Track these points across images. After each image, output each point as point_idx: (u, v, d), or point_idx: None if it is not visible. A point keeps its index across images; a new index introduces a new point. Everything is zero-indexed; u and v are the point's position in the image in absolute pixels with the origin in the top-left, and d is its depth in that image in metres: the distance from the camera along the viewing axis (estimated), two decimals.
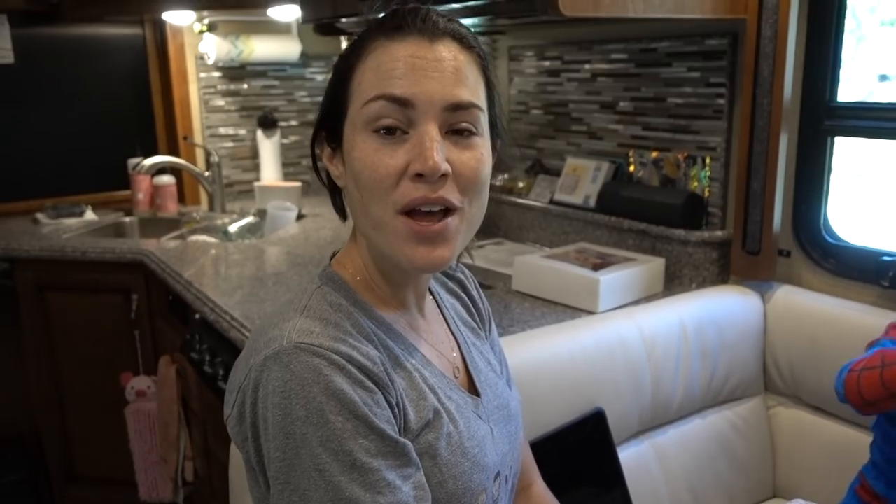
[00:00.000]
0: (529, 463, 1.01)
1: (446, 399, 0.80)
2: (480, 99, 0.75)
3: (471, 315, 0.97)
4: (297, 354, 0.69)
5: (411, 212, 0.72)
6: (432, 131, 0.71)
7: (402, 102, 0.71)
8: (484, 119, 0.76)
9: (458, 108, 0.73)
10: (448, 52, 0.74)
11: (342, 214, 0.87)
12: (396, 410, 0.73)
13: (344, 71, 0.77)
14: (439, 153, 0.71)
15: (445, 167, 0.71)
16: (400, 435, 0.73)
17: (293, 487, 0.67)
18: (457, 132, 0.73)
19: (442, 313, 0.91)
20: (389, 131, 0.72)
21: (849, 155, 1.56)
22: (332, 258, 0.85)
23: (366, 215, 0.75)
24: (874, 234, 1.53)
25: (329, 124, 0.79)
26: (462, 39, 0.76)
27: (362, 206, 0.75)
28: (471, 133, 0.74)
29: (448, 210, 0.73)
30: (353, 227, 0.84)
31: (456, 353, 0.88)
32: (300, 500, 0.67)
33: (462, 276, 0.99)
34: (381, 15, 0.77)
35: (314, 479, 0.66)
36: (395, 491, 0.68)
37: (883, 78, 1.60)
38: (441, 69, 0.72)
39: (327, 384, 0.67)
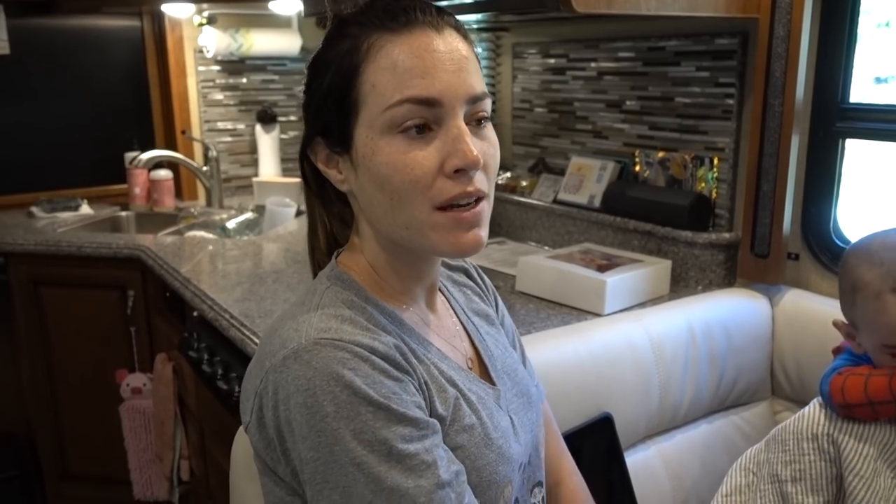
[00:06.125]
0: (558, 457, 0.99)
1: (467, 391, 0.79)
2: (485, 86, 0.76)
3: (482, 299, 0.96)
4: (318, 350, 0.67)
5: (447, 206, 0.72)
6: (462, 125, 0.72)
7: (430, 103, 0.70)
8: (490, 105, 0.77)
9: (477, 99, 0.73)
10: (455, 40, 0.73)
11: (341, 222, 0.85)
12: (422, 394, 0.72)
13: (347, 71, 0.73)
14: (476, 146, 0.71)
15: (481, 159, 0.72)
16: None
17: (332, 485, 0.66)
18: (475, 122, 0.74)
19: (451, 307, 0.90)
20: (421, 130, 0.71)
21: (848, 156, 1.54)
22: (336, 256, 0.83)
23: (394, 217, 0.74)
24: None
25: (330, 129, 0.76)
26: (458, 28, 0.76)
27: (390, 209, 0.73)
28: (486, 120, 0.75)
29: (479, 198, 0.73)
30: (353, 228, 0.82)
31: (468, 345, 0.87)
32: (341, 498, 0.65)
33: (465, 264, 0.99)
34: (363, 5, 0.75)
35: (353, 474, 0.65)
36: (436, 470, 0.67)
37: (878, 80, 1.58)
38: (456, 60, 0.72)
39: (353, 376, 0.66)
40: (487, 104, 0.75)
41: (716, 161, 1.67)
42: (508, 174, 2.20)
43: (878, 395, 1.03)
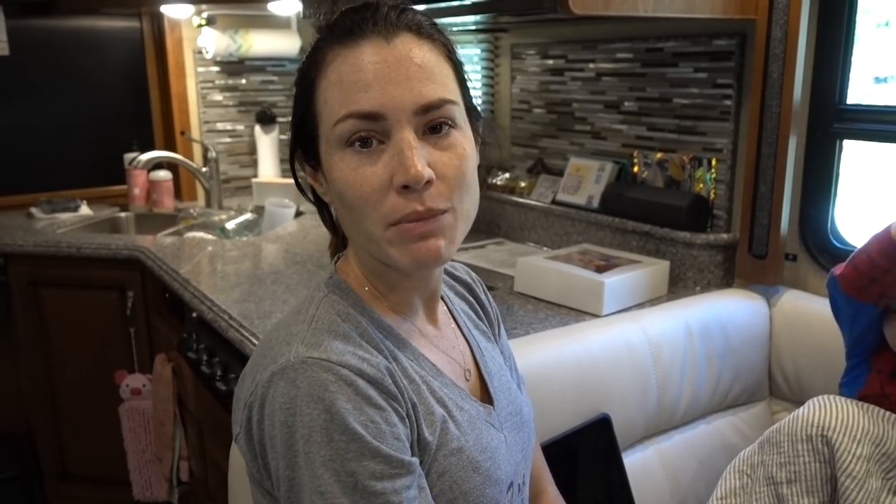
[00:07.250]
0: (541, 469, 0.99)
1: (457, 410, 0.77)
2: (451, 90, 0.72)
3: (479, 318, 0.95)
4: (304, 370, 0.66)
5: (402, 220, 0.70)
6: (409, 137, 0.68)
7: (372, 117, 0.68)
8: (459, 110, 0.73)
9: (430, 108, 0.69)
10: (407, 47, 0.70)
11: (333, 230, 0.85)
12: (408, 422, 0.71)
13: (306, 87, 0.74)
14: (420, 160, 0.68)
15: (429, 173, 0.68)
16: (414, 449, 0.71)
17: None
18: (434, 129, 0.70)
19: (453, 317, 0.89)
20: (364, 143, 0.69)
21: (846, 157, 1.54)
22: (336, 261, 0.83)
23: (357, 230, 0.74)
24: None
25: (303, 143, 0.77)
26: (419, 30, 0.72)
27: (352, 223, 0.74)
28: (449, 127, 0.71)
29: (435, 215, 0.71)
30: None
31: (468, 358, 0.86)
32: None
33: (469, 280, 0.96)
34: (332, 19, 0.74)
35: (316, 502, 0.64)
36: None
37: (878, 80, 1.58)
38: (404, 69, 0.69)
39: (333, 402, 0.65)
40: (449, 110, 0.71)
41: (714, 162, 1.67)
42: (507, 175, 2.20)
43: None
